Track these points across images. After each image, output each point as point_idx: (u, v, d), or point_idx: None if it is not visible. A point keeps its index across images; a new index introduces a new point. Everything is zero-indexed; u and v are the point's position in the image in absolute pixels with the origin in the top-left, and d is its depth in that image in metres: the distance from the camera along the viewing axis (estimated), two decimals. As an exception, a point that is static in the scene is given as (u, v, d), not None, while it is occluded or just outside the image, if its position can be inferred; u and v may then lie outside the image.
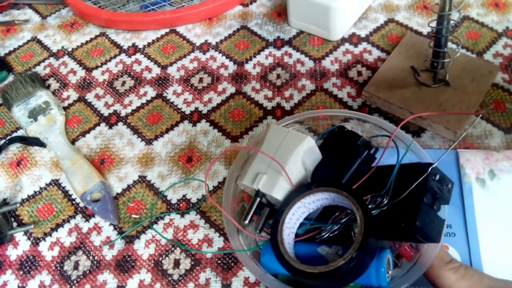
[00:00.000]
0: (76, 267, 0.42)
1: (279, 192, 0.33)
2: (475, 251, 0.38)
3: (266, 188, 0.33)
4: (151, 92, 0.54)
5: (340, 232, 0.33)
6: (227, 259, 0.41)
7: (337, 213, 0.33)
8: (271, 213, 0.35)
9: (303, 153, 0.34)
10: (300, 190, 0.33)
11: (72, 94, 0.55)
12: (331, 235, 0.33)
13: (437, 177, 0.32)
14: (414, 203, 0.30)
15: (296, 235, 0.34)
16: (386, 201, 0.32)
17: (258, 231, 0.34)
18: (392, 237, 0.33)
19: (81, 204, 0.46)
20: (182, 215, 0.44)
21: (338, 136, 0.37)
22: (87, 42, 0.61)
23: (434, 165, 0.31)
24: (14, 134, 0.53)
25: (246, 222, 0.33)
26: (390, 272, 0.31)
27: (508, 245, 0.38)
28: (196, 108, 0.52)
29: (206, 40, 0.58)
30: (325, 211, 0.35)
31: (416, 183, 0.31)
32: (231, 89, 0.53)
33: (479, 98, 0.46)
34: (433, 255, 0.32)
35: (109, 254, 0.42)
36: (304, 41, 0.56)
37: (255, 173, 0.34)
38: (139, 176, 0.47)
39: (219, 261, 0.41)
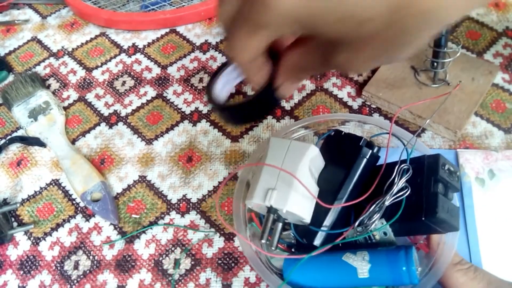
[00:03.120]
0: (76, 267, 0.42)
1: (292, 206, 0.32)
2: (475, 250, 0.38)
3: (278, 203, 0.32)
4: (151, 92, 0.54)
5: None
6: (227, 259, 0.41)
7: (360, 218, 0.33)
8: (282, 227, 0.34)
9: (309, 162, 0.34)
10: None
11: (72, 94, 0.55)
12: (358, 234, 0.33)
13: (447, 167, 0.32)
14: (429, 195, 0.31)
15: (314, 248, 0.33)
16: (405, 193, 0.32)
17: (273, 248, 0.33)
18: (410, 233, 0.33)
19: (81, 204, 0.46)
20: (182, 215, 0.44)
21: (336, 140, 0.37)
22: (87, 42, 0.61)
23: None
24: (14, 134, 0.53)
25: (263, 241, 0.32)
26: (419, 269, 0.31)
27: (508, 244, 0.38)
28: (196, 108, 0.52)
29: (206, 40, 0.58)
30: (341, 217, 0.35)
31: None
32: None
33: (479, 98, 0.46)
34: (452, 250, 0.32)
35: (109, 254, 0.43)
36: (304, 41, 0.56)
37: (265, 189, 0.33)
38: (139, 176, 0.47)
39: (219, 261, 0.41)
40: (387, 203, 0.31)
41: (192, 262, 0.41)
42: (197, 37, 0.59)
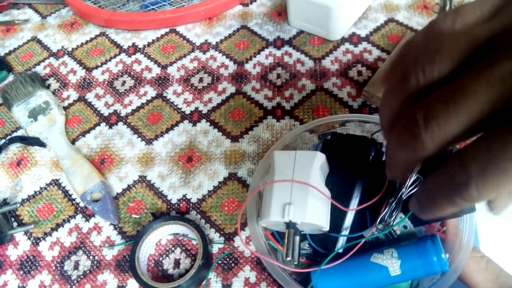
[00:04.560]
0: (76, 267, 0.42)
1: (311, 216, 0.32)
2: (475, 251, 0.38)
3: (297, 217, 0.32)
4: (151, 92, 0.54)
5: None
6: (227, 259, 0.41)
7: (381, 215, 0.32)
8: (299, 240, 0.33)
9: (319, 169, 0.33)
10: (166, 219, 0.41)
11: (72, 94, 0.55)
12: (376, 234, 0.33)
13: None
14: None
15: (340, 254, 0.33)
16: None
17: (296, 263, 0.32)
18: (427, 221, 0.33)
19: (81, 204, 0.46)
20: (183, 215, 0.44)
21: (336, 143, 0.37)
22: (87, 42, 0.61)
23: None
24: (14, 134, 0.53)
25: (289, 258, 0.32)
26: (447, 255, 0.31)
27: (508, 244, 0.38)
28: (196, 108, 0.52)
29: (206, 40, 0.58)
30: (357, 219, 0.34)
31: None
32: (231, 89, 0.53)
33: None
34: (473, 232, 0.33)
35: (109, 254, 0.43)
36: (304, 41, 0.56)
37: (281, 205, 0.32)
38: (139, 176, 0.47)
39: (219, 261, 0.41)
40: (404, 196, 0.31)
41: (192, 263, 0.41)
42: (197, 37, 0.59)
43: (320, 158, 0.34)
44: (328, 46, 0.55)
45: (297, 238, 0.32)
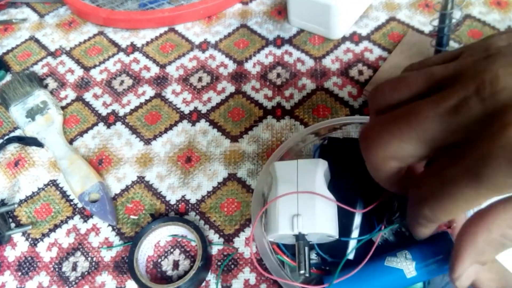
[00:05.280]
0: (74, 268, 0.42)
1: (321, 226, 0.31)
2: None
3: (307, 228, 0.31)
4: (149, 91, 0.53)
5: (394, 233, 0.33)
6: (227, 261, 0.41)
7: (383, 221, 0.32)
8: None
9: (323, 177, 0.33)
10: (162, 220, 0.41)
11: (70, 94, 0.55)
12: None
13: None
14: None
15: (351, 261, 0.32)
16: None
17: (308, 275, 0.31)
18: None
19: (79, 205, 0.46)
20: (181, 216, 0.44)
21: (333, 147, 0.36)
22: (85, 41, 0.60)
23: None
24: (12, 134, 0.52)
25: (302, 271, 0.31)
26: None
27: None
28: (195, 108, 0.51)
29: (205, 39, 0.58)
30: (365, 224, 0.34)
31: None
32: (230, 88, 0.52)
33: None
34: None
35: (107, 255, 0.42)
36: (305, 40, 0.56)
37: (289, 217, 0.31)
38: (137, 176, 0.47)
39: (219, 263, 0.41)
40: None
41: (191, 264, 0.41)
42: (196, 36, 0.58)
43: (322, 166, 0.33)
44: (329, 45, 0.55)
45: (307, 248, 0.31)
